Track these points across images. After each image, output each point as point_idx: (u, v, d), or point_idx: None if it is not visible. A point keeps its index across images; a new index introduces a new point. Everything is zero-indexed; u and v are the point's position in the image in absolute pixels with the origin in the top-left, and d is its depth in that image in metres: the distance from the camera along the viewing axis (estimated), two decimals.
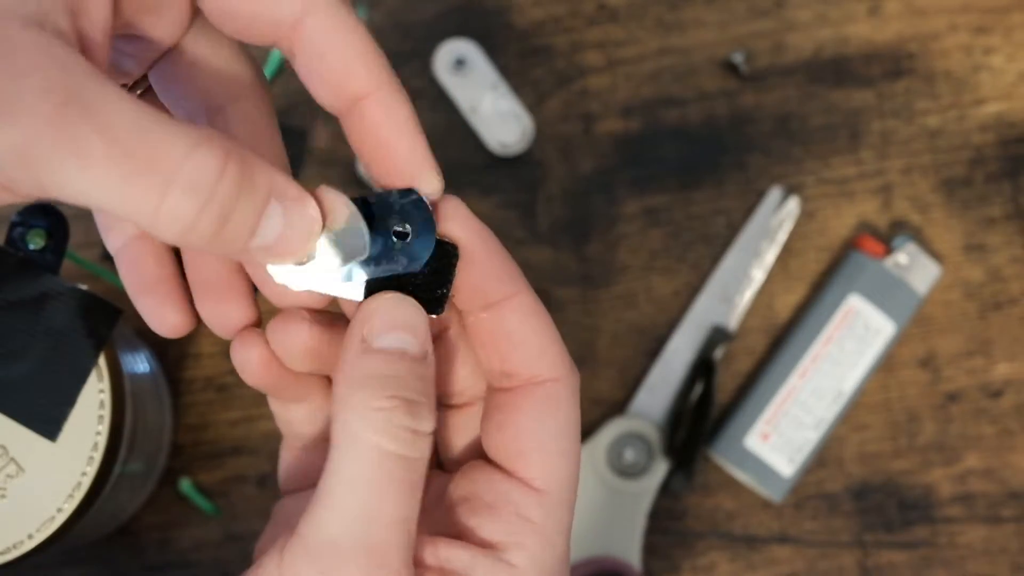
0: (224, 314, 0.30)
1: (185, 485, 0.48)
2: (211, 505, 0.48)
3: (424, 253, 0.27)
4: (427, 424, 0.26)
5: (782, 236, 0.51)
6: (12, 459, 0.37)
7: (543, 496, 0.28)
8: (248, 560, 0.30)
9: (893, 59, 0.53)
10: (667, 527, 0.49)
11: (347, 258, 0.26)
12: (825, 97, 0.52)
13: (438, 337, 0.31)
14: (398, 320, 0.26)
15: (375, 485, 0.25)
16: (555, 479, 0.28)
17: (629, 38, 0.53)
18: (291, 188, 0.24)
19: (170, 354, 0.50)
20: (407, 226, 0.27)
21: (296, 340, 0.29)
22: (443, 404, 0.32)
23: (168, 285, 0.30)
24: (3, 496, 0.37)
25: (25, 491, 0.37)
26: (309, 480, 0.32)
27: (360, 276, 0.27)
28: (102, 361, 0.38)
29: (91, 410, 0.38)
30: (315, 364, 0.30)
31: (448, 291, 0.28)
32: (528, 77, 0.52)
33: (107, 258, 0.50)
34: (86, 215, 0.51)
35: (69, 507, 0.37)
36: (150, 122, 0.22)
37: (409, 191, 0.27)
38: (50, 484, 0.37)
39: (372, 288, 0.28)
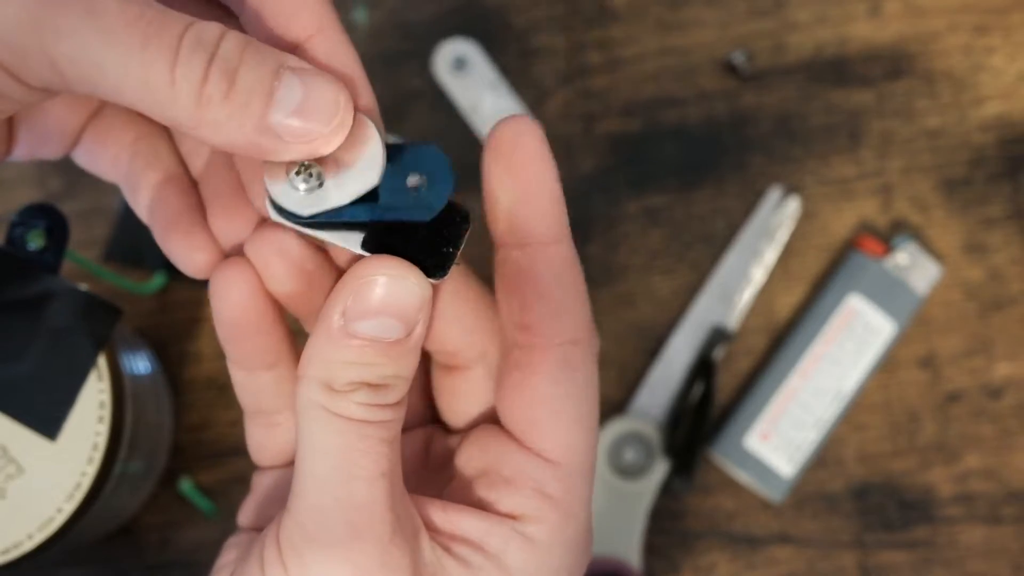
0: (233, 230, 0.29)
1: (185, 485, 0.48)
2: (211, 505, 0.48)
3: (437, 203, 0.25)
4: (393, 397, 0.26)
5: (782, 236, 0.51)
6: (12, 459, 0.37)
7: (560, 468, 0.27)
8: None
9: (893, 59, 0.53)
10: (667, 527, 0.49)
11: (355, 189, 0.25)
12: (825, 97, 0.52)
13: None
14: (388, 303, 0.25)
15: (346, 447, 0.25)
16: (572, 449, 0.27)
17: (629, 38, 0.53)
18: (306, 64, 0.24)
19: (170, 354, 0.50)
20: (423, 176, 0.26)
21: (283, 249, 0.28)
22: (439, 364, 0.31)
23: (194, 216, 0.29)
24: (3, 496, 0.37)
25: (25, 491, 0.37)
26: (284, 457, 0.32)
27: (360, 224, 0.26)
28: (102, 361, 0.38)
29: (91, 410, 0.38)
30: (299, 285, 0.28)
31: (454, 253, 0.26)
32: (528, 77, 0.52)
33: (107, 258, 0.50)
34: (86, 215, 0.51)
35: (69, 507, 0.37)
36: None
37: (428, 144, 0.26)
38: (50, 484, 0.37)
39: (371, 240, 0.26)
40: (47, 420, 0.37)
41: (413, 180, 0.26)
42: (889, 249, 0.50)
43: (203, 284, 0.50)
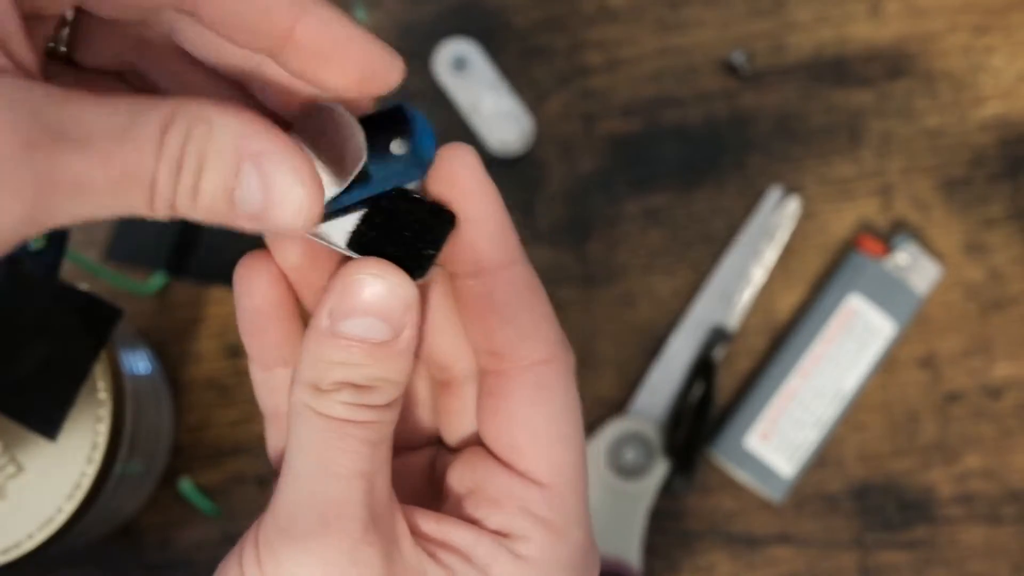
0: None
1: (185, 485, 0.48)
2: (211, 505, 0.48)
3: (428, 155, 0.25)
4: (379, 398, 0.26)
5: (782, 236, 0.51)
6: (12, 459, 0.37)
7: (546, 489, 0.27)
8: None
9: (893, 59, 0.53)
10: (667, 527, 0.49)
11: (343, 171, 0.25)
12: (825, 97, 0.52)
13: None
14: (372, 303, 0.25)
15: (325, 445, 0.25)
16: (557, 469, 0.27)
17: (629, 38, 0.53)
18: (260, 140, 0.22)
19: (170, 354, 0.50)
20: (404, 139, 0.25)
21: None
22: (436, 381, 0.31)
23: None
24: (3, 496, 0.37)
25: (25, 491, 0.37)
26: None
27: (347, 219, 0.25)
28: (102, 361, 0.38)
29: (91, 410, 0.38)
30: (304, 259, 0.28)
31: (435, 253, 0.26)
32: (528, 77, 0.52)
33: (107, 258, 0.50)
34: None
35: (69, 507, 0.37)
36: (119, 120, 0.21)
37: (395, 108, 0.25)
38: (50, 484, 0.37)
39: (357, 238, 0.26)
40: (47, 420, 0.37)
41: (396, 146, 0.26)
42: (889, 249, 0.50)
43: (203, 284, 0.50)
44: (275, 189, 0.22)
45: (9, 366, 0.36)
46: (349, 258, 0.26)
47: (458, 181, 0.26)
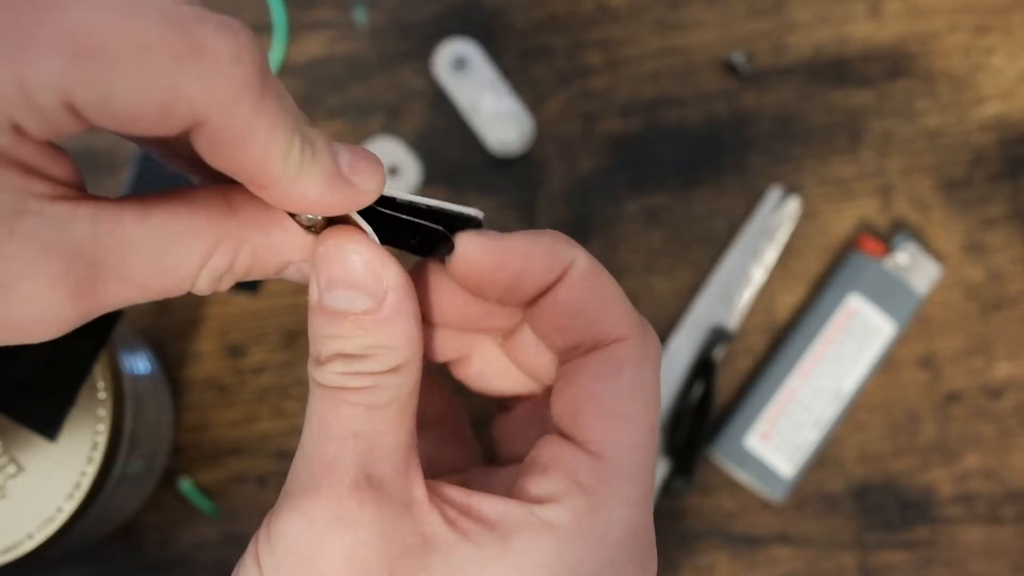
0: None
1: (185, 485, 0.48)
2: (211, 505, 0.48)
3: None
4: (378, 365, 0.26)
5: (782, 236, 0.51)
6: (12, 459, 0.37)
7: (598, 460, 0.27)
8: None
9: (893, 59, 0.53)
10: (667, 527, 0.49)
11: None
12: (825, 97, 0.52)
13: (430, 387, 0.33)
14: (340, 275, 0.26)
15: (323, 412, 0.26)
16: (614, 443, 0.27)
17: (629, 38, 0.53)
18: (295, 252, 0.27)
19: (170, 354, 0.50)
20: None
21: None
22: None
23: None
24: (3, 496, 0.37)
25: (25, 491, 0.37)
26: None
27: None
28: (102, 361, 0.38)
29: (91, 410, 0.38)
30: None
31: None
32: (528, 77, 0.52)
33: None
34: None
35: (69, 507, 0.37)
36: (159, 246, 0.24)
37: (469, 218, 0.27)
38: (50, 484, 0.37)
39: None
40: (47, 420, 0.37)
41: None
42: (889, 249, 0.50)
43: None
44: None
45: (9, 366, 0.36)
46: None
47: (471, 265, 0.27)
